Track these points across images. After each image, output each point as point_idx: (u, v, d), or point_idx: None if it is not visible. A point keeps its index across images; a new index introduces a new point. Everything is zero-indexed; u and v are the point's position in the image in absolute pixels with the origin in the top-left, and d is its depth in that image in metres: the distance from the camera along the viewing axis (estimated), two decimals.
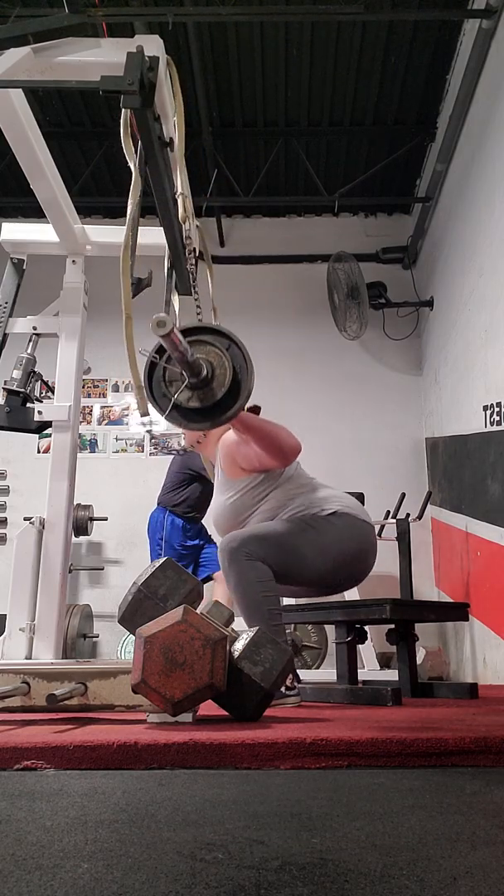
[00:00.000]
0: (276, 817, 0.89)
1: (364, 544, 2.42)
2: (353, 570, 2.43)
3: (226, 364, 1.65)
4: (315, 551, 2.32)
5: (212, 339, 1.68)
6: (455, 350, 4.90)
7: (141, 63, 1.67)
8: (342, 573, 2.41)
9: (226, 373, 1.64)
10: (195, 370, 1.61)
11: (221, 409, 1.66)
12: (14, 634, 2.26)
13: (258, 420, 2.26)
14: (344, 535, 2.36)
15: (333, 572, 2.39)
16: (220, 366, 1.65)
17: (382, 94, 5.16)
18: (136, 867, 0.69)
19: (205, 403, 1.65)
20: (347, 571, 2.42)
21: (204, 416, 1.67)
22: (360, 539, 2.41)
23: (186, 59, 4.54)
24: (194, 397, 1.66)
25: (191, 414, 1.67)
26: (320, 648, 4.66)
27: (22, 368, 2.51)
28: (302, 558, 2.32)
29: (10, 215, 5.94)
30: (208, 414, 1.66)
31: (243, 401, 1.65)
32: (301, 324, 6.04)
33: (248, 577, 2.24)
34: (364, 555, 2.44)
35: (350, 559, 2.39)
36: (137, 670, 1.57)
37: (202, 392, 1.65)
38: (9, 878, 0.66)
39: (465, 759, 1.24)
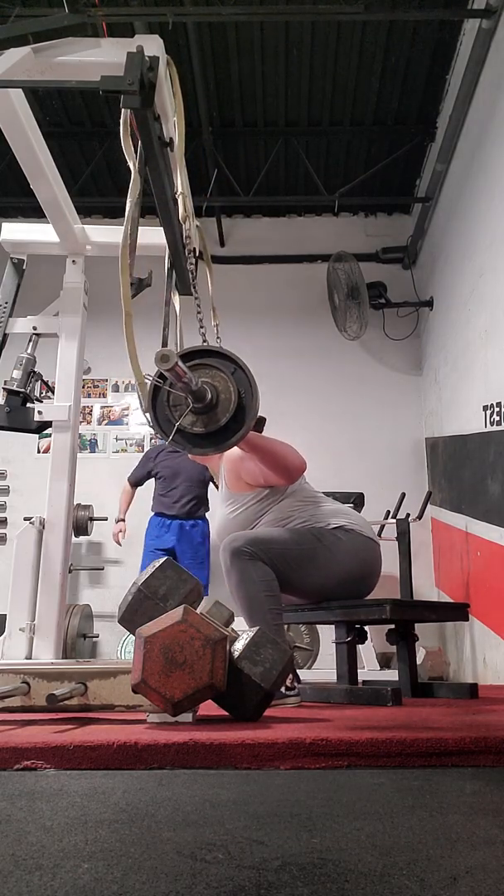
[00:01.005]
0: (276, 817, 0.89)
1: (368, 565, 2.41)
2: (356, 587, 2.43)
3: (230, 388, 1.64)
4: (319, 564, 2.31)
5: (216, 363, 1.67)
6: (455, 350, 4.89)
7: (141, 63, 1.67)
8: (343, 589, 2.41)
9: (230, 397, 1.63)
10: (199, 396, 1.60)
11: (226, 433, 1.65)
12: (14, 634, 2.25)
13: (263, 440, 2.26)
14: (349, 553, 2.34)
15: (334, 588, 2.39)
16: (224, 390, 1.64)
17: (382, 95, 5.16)
18: (136, 867, 0.69)
19: (209, 429, 1.64)
20: (350, 588, 2.41)
21: (208, 440, 1.66)
22: (365, 558, 2.40)
23: (186, 59, 4.54)
24: (199, 422, 1.65)
25: (195, 439, 1.66)
26: (311, 650, 4.66)
27: (22, 368, 2.51)
28: (305, 569, 2.31)
29: (10, 215, 5.94)
30: (213, 439, 1.66)
31: (248, 426, 1.65)
32: (301, 324, 6.04)
33: (250, 576, 2.24)
34: (369, 576, 2.43)
35: (355, 577, 2.39)
36: (137, 670, 1.57)
37: (206, 417, 1.64)
38: (9, 878, 0.66)
39: (465, 759, 1.24)
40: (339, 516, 2.42)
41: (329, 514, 2.42)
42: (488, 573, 4.09)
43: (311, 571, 2.32)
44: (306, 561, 2.31)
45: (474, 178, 4.42)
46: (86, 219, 2.93)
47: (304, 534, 2.34)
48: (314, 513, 2.41)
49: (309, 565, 2.31)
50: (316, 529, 2.36)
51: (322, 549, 2.32)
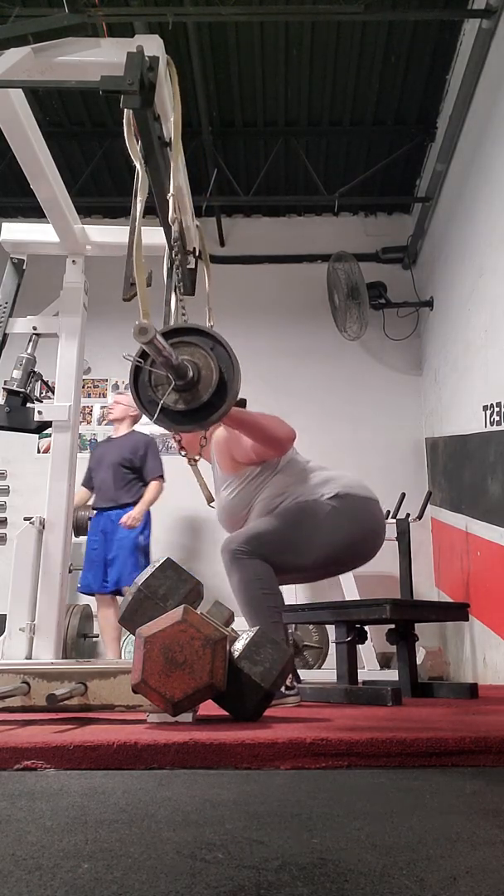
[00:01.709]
0: (276, 817, 0.89)
1: (369, 524, 2.41)
2: (360, 550, 2.43)
3: (211, 364, 1.64)
4: (314, 540, 2.32)
5: (196, 340, 1.68)
6: (455, 350, 4.89)
7: (141, 63, 1.67)
8: (352, 553, 2.41)
9: (212, 373, 1.64)
10: (181, 373, 1.61)
11: (209, 409, 1.65)
12: (14, 634, 2.25)
13: (249, 414, 2.26)
14: (348, 518, 2.35)
15: (343, 555, 2.39)
16: (205, 366, 1.65)
17: (382, 94, 5.16)
18: (136, 867, 0.69)
19: (192, 405, 1.64)
20: (358, 550, 2.42)
21: (192, 418, 1.66)
22: (364, 520, 2.40)
23: (186, 59, 4.54)
24: (181, 400, 1.65)
25: (178, 416, 1.66)
26: (321, 648, 4.66)
27: (22, 368, 2.51)
28: (308, 548, 2.32)
29: (10, 215, 5.94)
30: (196, 415, 1.66)
31: (231, 401, 1.65)
32: (301, 324, 6.03)
33: (248, 576, 2.25)
34: (372, 535, 2.43)
35: (359, 540, 2.39)
36: (137, 670, 1.57)
37: (189, 394, 1.64)
38: (9, 878, 0.66)
39: (465, 759, 1.24)
40: (332, 484, 2.41)
41: (321, 483, 2.41)
42: (488, 573, 4.09)
43: (315, 549, 2.32)
44: (306, 540, 2.31)
45: (474, 178, 4.42)
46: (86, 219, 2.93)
47: (299, 513, 2.34)
48: (307, 485, 2.41)
49: (310, 543, 2.31)
50: (310, 505, 2.35)
51: (320, 524, 2.32)
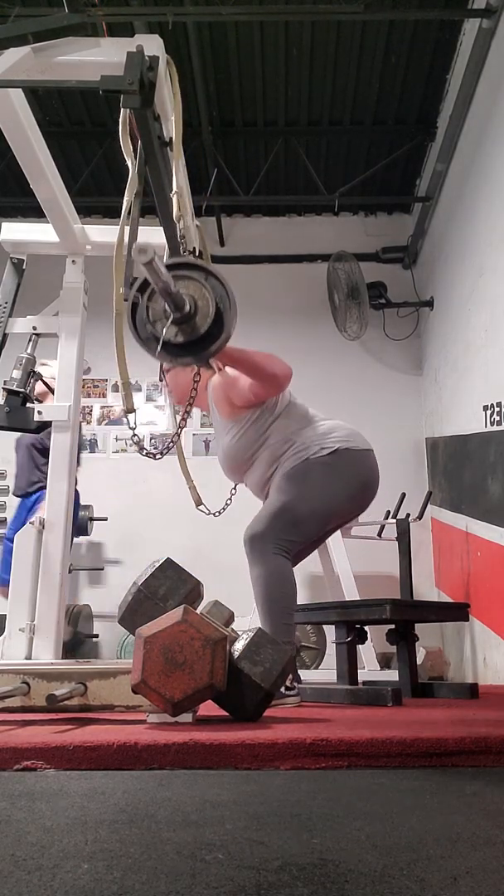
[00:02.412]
0: (276, 817, 0.89)
1: (366, 476, 2.49)
2: (359, 501, 2.51)
3: (207, 297, 1.64)
4: (324, 500, 2.39)
5: (190, 273, 1.68)
6: (455, 350, 4.89)
7: (141, 63, 1.67)
8: (350, 505, 2.49)
9: (208, 305, 1.64)
10: (178, 304, 1.60)
11: (207, 341, 1.65)
12: (14, 634, 2.25)
13: (244, 351, 2.30)
14: (348, 474, 2.42)
15: (341, 509, 2.47)
16: (201, 298, 1.65)
17: (382, 94, 5.16)
18: (136, 867, 0.69)
19: (190, 338, 1.64)
20: (357, 501, 2.50)
21: (190, 350, 1.66)
22: (362, 473, 2.47)
23: (186, 59, 4.54)
24: (179, 333, 1.65)
25: (177, 350, 1.66)
26: (319, 649, 4.66)
27: (22, 368, 2.51)
28: (313, 512, 2.39)
29: (10, 215, 5.94)
30: (194, 348, 1.66)
31: (228, 332, 1.65)
32: (301, 324, 6.03)
33: (269, 571, 2.30)
34: (369, 485, 2.51)
35: (356, 493, 2.47)
36: (137, 670, 1.57)
37: (187, 326, 1.64)
38: (9, 879, 0.66)
39: (465, 759, 1.24)
40: (332, 437, 2.46)
41: (323, 434, 2.46)
42: (488, 573, 4.09)
43: (319, 509, 2.40)
44: (311, 507, 2.38)
45: (474, 178, 4.42)
46: (86, 219, 2.93)
47: (304, 477, 2.38)
48: (309, 433, 2.46)
49: (314, 506, 2.38)
50: (312, 465, 2.39)
51: (322, 484, 2.38)
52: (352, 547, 4.42)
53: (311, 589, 5.28)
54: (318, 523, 2.44)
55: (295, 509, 2.37)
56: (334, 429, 2.51)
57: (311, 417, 2.55)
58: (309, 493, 2.38)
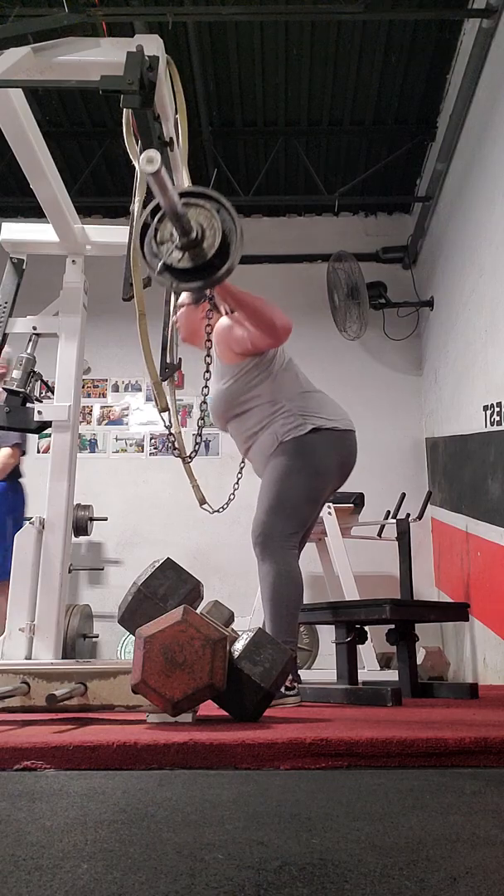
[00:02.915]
0: (276, 817, 0.89)
1: (345, 458, 2.55)
2: (340, 480, 2.58)
3: (216, 225, 1.65)
4: (310, 484, 2.44)
5: (201, 202, 1.69)
6: (455, 350, 4.89)
7: (141, 63, 1.67)
8: (332, 486, 2.55)
9: (216, 233, 1.65)
10: (185, 227, 1.61)
11: (212, 268, 1.67)
12: (14, 634, 2.25)
13: (250, 295, 2.32)
14: (327, 453, 2.46)
15: (326, 490, 2.52)
16: (209, 227, 1.66)
17: (382, 94, 5.16)
18: (136, 867, 0.69)
19: (196, 262, 1.66)
20: (337, 483, 2.57)
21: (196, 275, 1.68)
22: (343, 454, 2.53)
23: (186, 59, 4.54)
24: (185, 258, 1.66)
25: (181, 274, 1.68)
26: (311, 650, 4.66)
27: (22, 368, 2.51)
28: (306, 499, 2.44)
29: (10, 215, 5.94)
30: (200, 273, 1.67)
31: (233, 260, 1.66)
32: (301, 324, 5.97)
33: (280, 571, 2.32)
34: (348, 464, 2.57)
35: (336, 472, 2.52)
36: (137, 670, 1.57)
37: (193, 252, 1.66)
38: (9, 879, 0.66)
39: (465, 759, 1.24)
40: (317, 415, 2.49)
41: (313, 409, 2.49)
42: (488, 573, 4.09)
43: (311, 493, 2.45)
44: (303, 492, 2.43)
45: (474, 178, 4.42)
46: (86, 219, 2.93)
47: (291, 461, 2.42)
48: (301, 405, 2.49)
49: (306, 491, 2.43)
50: (295, 444, 2.43)
51: (309, 465, 2.43)
52: (352, 547, 4.42)
53: (311, 589, 5.27)
54: (312, 506, 2.48)
55: (291, 499, 2.40)
56: (323, 404, 2.55)
57: (303, 385, 2.58)
58: (298, 479, 2.42)
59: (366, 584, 4.44)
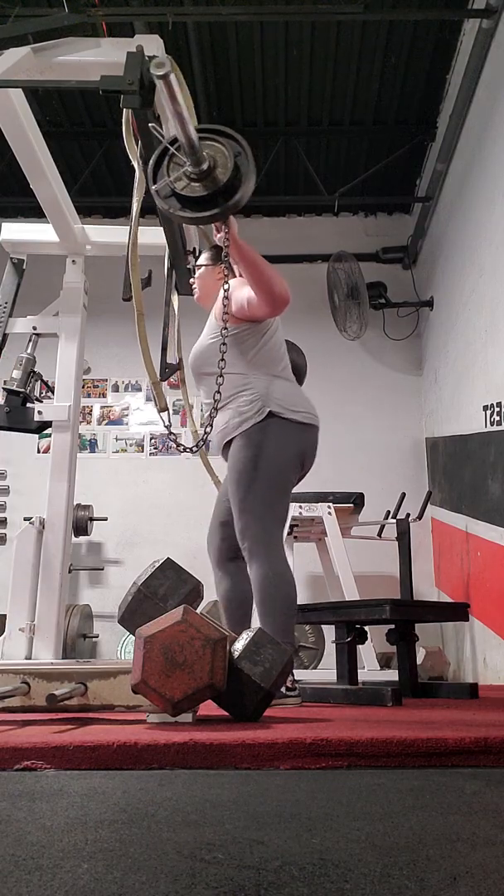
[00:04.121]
0: (276, 817, 0.89)
1: (303, 449, 2.49)
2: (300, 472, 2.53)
3: (228, 154, 1.67)
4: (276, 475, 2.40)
5: (213, 136, 1.70)
6: (455, 350, 4.89)
7: (141, 63, 1.67)
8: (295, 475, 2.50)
9: (227, 162, 1.66)
10: (196, 152, 1.62)
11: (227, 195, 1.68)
12: (14, 634, 2.25)
13: (258, 256, 2.30)
14: (284, 446, 2.43)
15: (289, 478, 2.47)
16: (221, 157, 1.67)
17: (382, 94, 5.16)
18: (136, 867, 0.69)
19: (209, 191, 1.67)
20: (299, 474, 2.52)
21: (209, 204, 1.69)
22: (299, 445, 2.47)
23: (186, 59, 4.54)
24: (199, 188, 1.67)
25: (195, 204, 1.69)
26: (317, 649, 4.66)
27: (22, 368, 2.51)
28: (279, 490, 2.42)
29: (10, 215, 5.94)
30: (213, 202, 1.68)
31: (247, 187, 1.67)
32: (301, 324, 6.02)
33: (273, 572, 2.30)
34: (306, 456, 2.52)
35: (295, 460, 2.47)
36: (137, 670, 1.57)
37: (206, 182, 1.67)
38: (9, 879, 0.66)
39: (465, 759, 1.24)
40: (280, 402, 2.45)
41: (273, 395, 2.45)
42: (488, 573, 4.09)
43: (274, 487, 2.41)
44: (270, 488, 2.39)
45: (474, 178, 4.42)
46: (86, 219, 2.93)
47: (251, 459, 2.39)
48: (265, 386, 2.45)
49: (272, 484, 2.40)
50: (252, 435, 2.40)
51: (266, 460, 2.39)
52: (352, 547, 4.42)
53: (311, 589, 5.28)
54: (286, 498, 2.47)
55: (266, 497, 2.38)
56: (290, 394, 2.52)
57: (280, 371, 2.55)
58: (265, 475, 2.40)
59: (366, 584, 4.44)
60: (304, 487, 4.42)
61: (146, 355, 2.09)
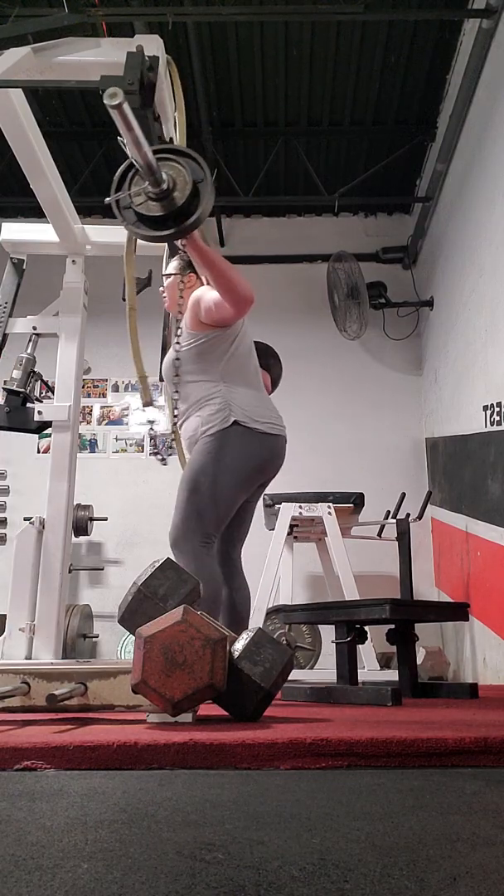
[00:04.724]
0: (276, 817, 0.89)
1: (264, 459, 2.54)
2: (260, 477, 2.58)
3: (186, 177, 1.71)
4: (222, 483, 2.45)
5: (173, 157, 1.75)
6: (455, 350, 4.89)
7: (141, 63, 1.67)
8: (248, 483, 2.55)
9: (186, 184, 1.71)
10: (156, 177, 1.66)
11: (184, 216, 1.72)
12: (14, 634, 2.25)
13: (221, 258, 2.34)
14: (241, 455, 2.47)
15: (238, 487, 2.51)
16: (180, 178, 1.72)
17: (382, 94, 5.16)
18: (136, 867, 0.69)
19: (167, 211, 1.72)
20: (254, 480, 2.57)
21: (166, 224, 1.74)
22: (261, 455, 2.52)
23: (186, 59, 4.54)
24: (157, 207, 1.73)
25: (154, 222, 1.74)
26: (313, 650, 4.66)
27: (22, 368, 2.51)
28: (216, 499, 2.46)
29: (10, 215, 5.94)
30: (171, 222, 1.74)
31: (204, 208, 1.71)
32: (301, 324, 6.03)
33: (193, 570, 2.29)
34: (268, 466, 2.57)
35: (252, 471, 2.52)
36: (137, 670, 1.57)
37: (165, 202, 1.72)
38: (9, 878, 0.66)
39: (465, 759, 1.24)
40: (245, 411, 2.50)
41: (238, 403, 2.50)
42: (488, 573, 4.09)
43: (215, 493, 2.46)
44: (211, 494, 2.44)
45: (474, 178, 4.42)
46: (86, 219, 2.93)
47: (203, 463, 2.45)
48: (232, 394, 2.51)
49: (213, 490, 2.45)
50: (214, 441, 2.45)
51: (220, 466, 2.44)
52: (352, 547, 4.42)
53: (311, 589, 5.28)
54: (227, 506, 2.49)
55: (201, 501, 2.43)
56: (256, 404, 2.55)
57: (248, 379, 2.58)
58: (212, 480, 2.44)
59: (366, 584, 4.44)
60: (304, 487, 4.45)
61: (135, 347, 2.11)
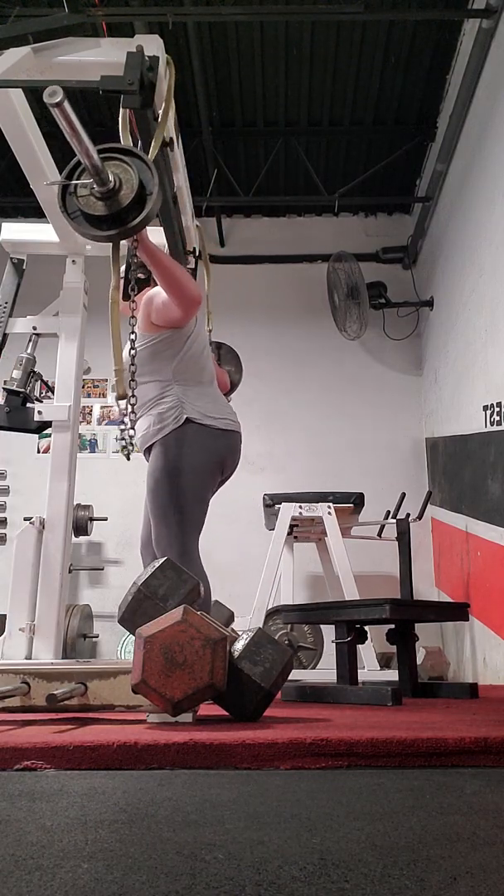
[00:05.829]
0: (276, 817, 0.89)
1: (221, 455, 2.55)
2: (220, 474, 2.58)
3: (132, 178, 1.71)
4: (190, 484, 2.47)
5: (120, 156, 1.76)
6: (455, 350, 4.89)
7: (141, 63, 1.67)
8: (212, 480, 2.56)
9: (133, 185, 1.71)
10: (99, 174, 1.67)
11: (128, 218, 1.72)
12: (14, 634, 2.25)
13: (168, 257, 2.35)
14: (199, 452, 2.48)
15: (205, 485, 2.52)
16: (126, 179, 1.72)
17: (382, 94, 5.16)
18: (136, 867, 0.69)
19: (110, 211, 1.72)
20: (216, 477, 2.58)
21: (109, 224, 1.73)
22: (218, 451, 2.53)
23: (186, 59, 4.54)
24: (101, 207, 1.72)
25: (97, 221, 1.73)
26: (316, 649, 4.65)
27: (22, 368, 2.51)
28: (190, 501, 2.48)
29: (10, 215, 5.93)
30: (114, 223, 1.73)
31: (149, 210, 1.71)
32: (301, 324, 6.03)
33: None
34: (225, 462, 2.57)
35: (212, 467, 2.53)
36: (137, 670, 1.57)
37: (110, 202, 1.72)
38: (9, 878, 0.66)
39: (465, 759, 1.24)
40: (198, 408, 2.51)
41: (191, 401, 2.51)
42: (488, 573, 4.09)
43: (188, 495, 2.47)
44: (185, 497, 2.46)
45: (474, 178, 4.42)
46: None
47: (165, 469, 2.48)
48: (185, 393, 2.52)
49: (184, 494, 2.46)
50: (169, 442, 2.48)
51: (181, 468, 2.46)
52: (352, 547, 4.42)
53: (311, 589, 5.28)
54: (201, 505, 2.51)
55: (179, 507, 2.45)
56: (210, 401, 2.57)
57: (202, 378, 2.59)
58: (181, 483, 2.46)
59: (366, 584, 4.44)
60: (304, 487, 4.45)
61: (116, 341, 2.12)
